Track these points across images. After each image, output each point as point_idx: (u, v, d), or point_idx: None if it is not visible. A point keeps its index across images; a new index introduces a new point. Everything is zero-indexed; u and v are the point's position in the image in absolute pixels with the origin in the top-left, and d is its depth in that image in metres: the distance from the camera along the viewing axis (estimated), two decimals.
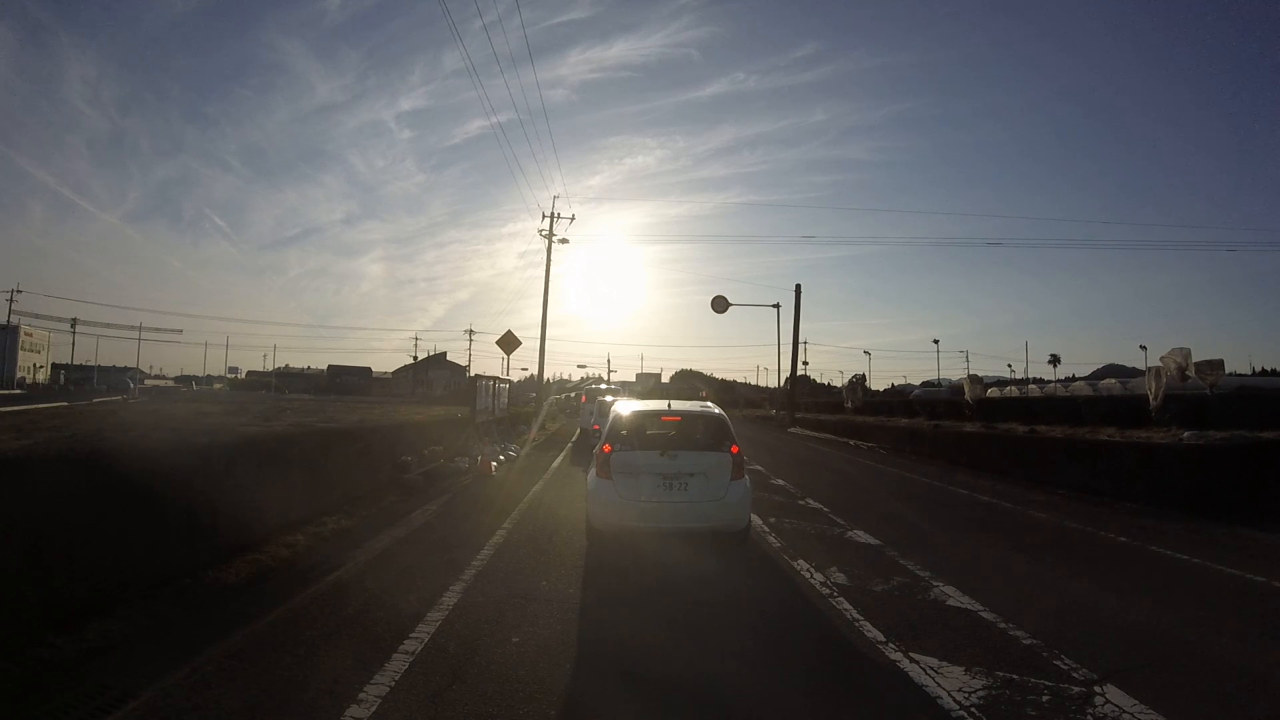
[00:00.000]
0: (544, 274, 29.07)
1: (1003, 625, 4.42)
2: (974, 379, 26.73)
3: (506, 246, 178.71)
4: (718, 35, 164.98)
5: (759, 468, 13.46)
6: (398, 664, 3.55)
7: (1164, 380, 14.45)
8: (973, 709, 3.21)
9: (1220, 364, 14.54)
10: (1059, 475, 11.97)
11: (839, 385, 65.04)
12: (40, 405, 25.19)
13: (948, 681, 3.51)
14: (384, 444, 10.42)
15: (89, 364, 66.75)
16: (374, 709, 3.05)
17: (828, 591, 5.17)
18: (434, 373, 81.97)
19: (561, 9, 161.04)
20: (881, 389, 74.63)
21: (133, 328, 66.29)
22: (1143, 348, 68.23)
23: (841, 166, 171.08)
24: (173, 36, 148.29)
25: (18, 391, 41.35)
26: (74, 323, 62.51)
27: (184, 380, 74.48)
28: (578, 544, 6.48)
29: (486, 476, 11.53)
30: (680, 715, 3.18)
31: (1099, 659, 3.83)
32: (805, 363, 67.34)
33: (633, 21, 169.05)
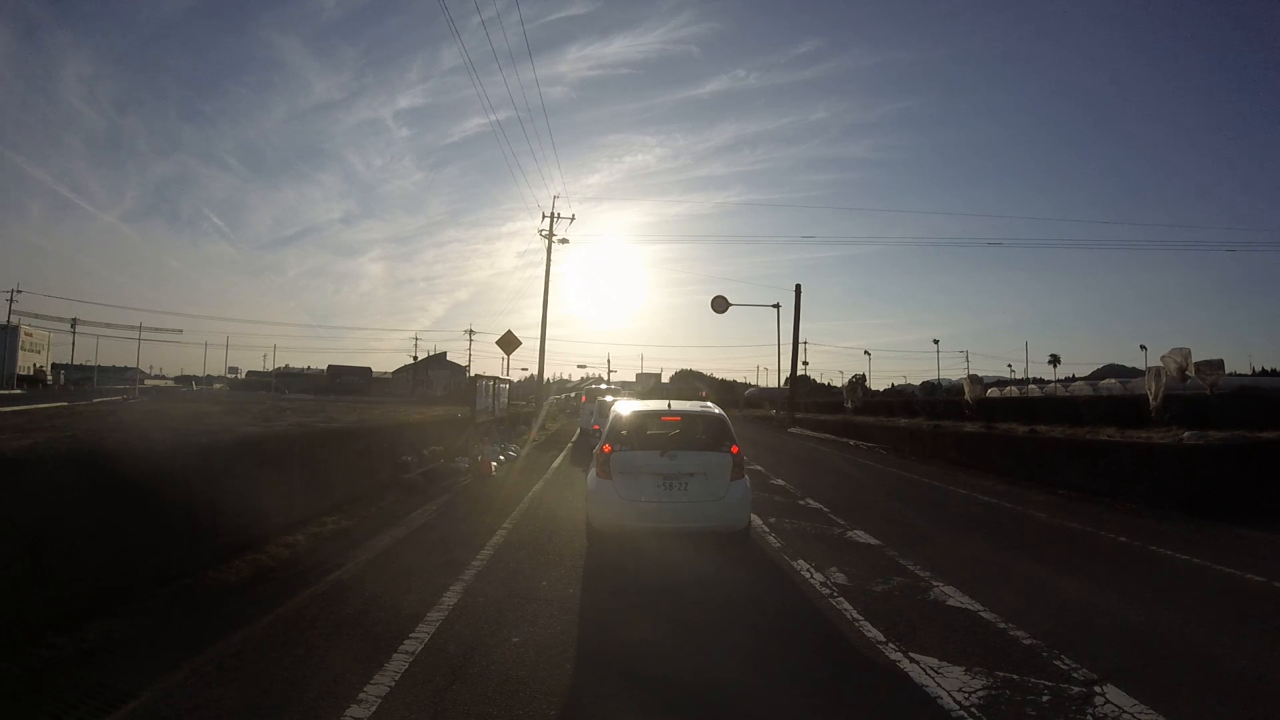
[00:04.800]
0: (544, 274, 29.11)
1: (1003, 625, 4.42)
2: (974, 379, 26.70)
3: (506, 246, 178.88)
4: (718, 31, 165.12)
5: (759, 468, 13.46)
6: (398, 664, 3.55)
7: (1164, 380, 14.44)
8: (973, 709, 3.21)
9: (1220, 364, 14.54)
10: (1059, 475, 11.96)
11: (839, 385, 65.06)
12: (40, 405, 25.21)
13: (948, 681, 3.51)
14: (384, 444, 10.42)
15: (89, 364, 66.75)
16: (374, 709, 3.05)
17: (828, 591, 5.17)
18: (434, 373, 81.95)
19: (560, 5, 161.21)
20: (882, 389, 74.76)
21: (133, 328, 66.16)
22: (1143, 348, 68.40)
23: (842, 165, 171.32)
24: (169, 34, 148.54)
25: (18, 391, 41.35)
26: (74, 323, 62.53)
27: (184, 380, 74.47)
28: (578, 544, 6.48)
29: (486, 476, 11.53)
30: (680, 715, 3.18)
31: (1099, 659, 3.83)
32: (805, 363, 67.42)
33: (632, 18, 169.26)
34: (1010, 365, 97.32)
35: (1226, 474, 9.45)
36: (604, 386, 31.23)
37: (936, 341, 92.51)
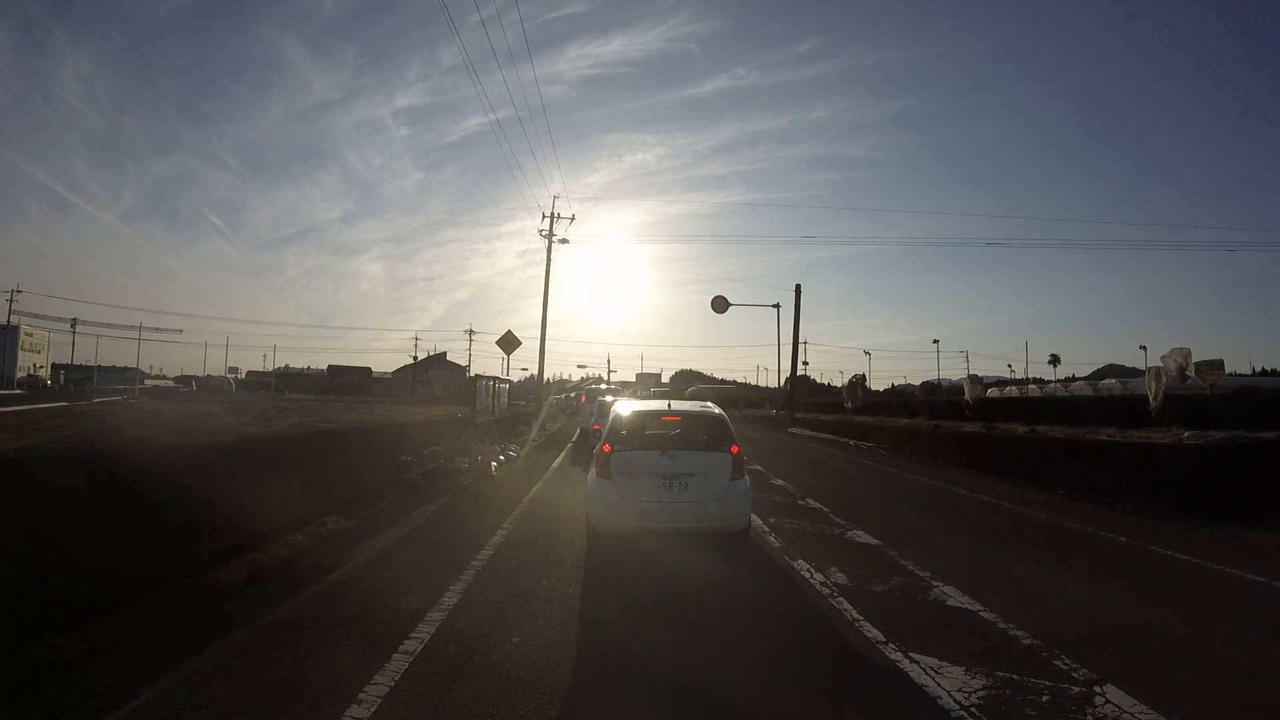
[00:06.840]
0: (544, 274, 29.12)
1: (1003, 625, 4.42)
2: (974, 379, 26.70)
3: (506, 245, 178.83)
4: (718, 30, 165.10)
5: (759, 468, 13.45)
6: (398, 664, 3.55)
7: (1164, 380, 14.46)
8: (973, 709, 3.20)
9: (1220, 364, 14.54)
10: (1059, 475, 11.96)
11: (839, 385, 64.97)
12: (40, 405, 25.23)
13: (948, 681, 3.51)
14: (384, 444, 10.42)
15: (89, 364, 66.73)
16: (374, 709, 3.05)
17: (828, 591, 5.17)
18: (434, 373, 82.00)
19: (559, 3, 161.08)
20: (882, 389, 74.72)
21: (132, 327, 66.04)
22: (1143, 348, 68.33)
23: (842, 164, 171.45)
24: (167, 33, 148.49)
25: (18, 391, 41.34)
26: (74, 323, 62.50)
27: (184, 380, 74.41)
28: (578, 544, 6.48)
29: (486, 477, 11.53)
30: (681, 715, 3.19)
31: (1099, 659, 3.83)
32: (805, 363, 67.32)
33: (631, 16, 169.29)
34: (1010, 365, 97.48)
35: (1226, 474, 9.45)
36: (604, 386, 31.22)
37: (936, 341, 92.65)
